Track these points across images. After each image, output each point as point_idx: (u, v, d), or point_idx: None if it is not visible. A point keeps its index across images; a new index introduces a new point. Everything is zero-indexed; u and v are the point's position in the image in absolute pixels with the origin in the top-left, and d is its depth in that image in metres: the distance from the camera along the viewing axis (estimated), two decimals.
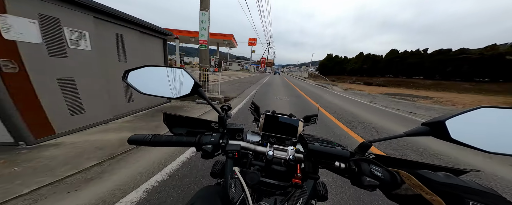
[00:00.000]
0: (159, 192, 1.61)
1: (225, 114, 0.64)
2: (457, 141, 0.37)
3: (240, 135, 0.63)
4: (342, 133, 3.72)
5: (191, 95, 0.58)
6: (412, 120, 5.65)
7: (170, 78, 0.57)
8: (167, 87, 0.57)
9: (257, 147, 0.59)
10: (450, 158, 2.84)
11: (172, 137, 0.60)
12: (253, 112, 0.96)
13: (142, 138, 0.59)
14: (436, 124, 0.39)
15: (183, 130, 0.66)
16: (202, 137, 0.59)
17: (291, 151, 0.54)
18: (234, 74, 21.48)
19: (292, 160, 0.52)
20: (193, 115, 3.41)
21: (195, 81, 0.56)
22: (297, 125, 0.71)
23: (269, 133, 0.71)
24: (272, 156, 0.54)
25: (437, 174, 0.37)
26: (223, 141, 0.58)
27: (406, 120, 5.66)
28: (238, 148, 0.55)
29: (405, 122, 5.36)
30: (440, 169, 0.45)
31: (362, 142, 0.49)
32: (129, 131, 2.89)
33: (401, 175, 0.40)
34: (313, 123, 0.90)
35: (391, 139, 0.45)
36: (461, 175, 0.43)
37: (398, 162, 0.51)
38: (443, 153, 2.98)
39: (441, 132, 0.38)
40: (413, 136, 0.42)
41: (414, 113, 6.84)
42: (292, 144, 0.67)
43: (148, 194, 1.58)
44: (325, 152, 0.48)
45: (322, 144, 0.51)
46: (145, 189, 1.63)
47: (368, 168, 0.44)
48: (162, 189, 1.65)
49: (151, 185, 1.69)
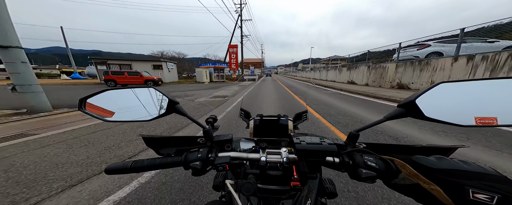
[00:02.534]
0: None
1: (210, 126, 0.60)
2: (431, 118, 0.38)
3: (229, 146, 0.60)
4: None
5: (168, 114, 0.53)
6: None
7: (141, 100, 0.51)
8: (137, 110, 0.51)
9: (249, 154, 0.57)
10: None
11: (155, 160, 0.54)
12: (244, 119, 0.93)
13: (121, 166, 0.52)
14: (409, 104, 0.41)
15: (172, 149, 0.61)
16: (188, 155, 0.55)
17: (285, 153, 0.52)
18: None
19: (286, 162, 0.50)
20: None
21: (170, 98, 0.51)
22: (286, 126, 0.70)
23: (261, 138, 0.69)
24: (266, 162, 0.52)
25: (430, 159, 0.37)
26: (211, 155, 0.55)
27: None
28: (227, 160, 0.52)
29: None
30: (431, 151, 0.47)
31: (350, 133, 0.50)
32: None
33: (396, 163, 0.40)
34: (304, 119, 0.89)
35: (375, 124, 0.46)
36: (451, 153, 0.46)
37: (390, 148, 0.51)
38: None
39: (415, 112, 0.40)
40: (393, 119, 0.43)
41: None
42: (286, 145, 0.66)
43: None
44: (312, 150, 0.47)
45: (309, 142, 0.50)
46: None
47: (361, 159, 0.44)
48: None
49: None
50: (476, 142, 2.82)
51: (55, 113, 5.14)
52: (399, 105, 0.43)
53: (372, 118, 4.43)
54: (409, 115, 0.41)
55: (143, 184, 1.84)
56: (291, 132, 0.70)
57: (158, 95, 0.52)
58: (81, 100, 0.47)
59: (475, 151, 2.51)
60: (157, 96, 0.52)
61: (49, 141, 3.02)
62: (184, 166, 0.54)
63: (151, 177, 1.96)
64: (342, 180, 1.83)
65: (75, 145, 2.87)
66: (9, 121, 4.21)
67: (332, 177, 1.87)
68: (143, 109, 0.51)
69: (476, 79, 0.38)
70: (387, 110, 4.89)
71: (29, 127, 3.80)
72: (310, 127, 3.73)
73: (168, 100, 0.51)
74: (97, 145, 2.87)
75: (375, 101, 6.84)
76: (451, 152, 0.46)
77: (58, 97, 8.36)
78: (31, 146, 2.84)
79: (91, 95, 0.48)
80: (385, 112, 3.53)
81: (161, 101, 0.52)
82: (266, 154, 0.54)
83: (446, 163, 0.34)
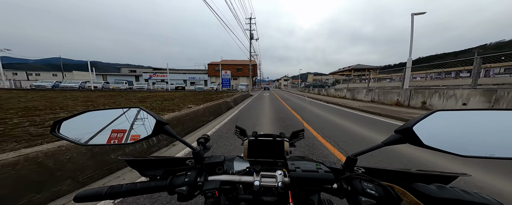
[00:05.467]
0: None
1: (201, 147, 0.56)
2: (430, 147, 0.38)
3: (221, 168, 0.56)
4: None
5: (155, 136, 0.49)
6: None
7: (125, 121, 0.47)
8: (120, 133, 0.47)
9: (242, 177, 0.54)
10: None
11: (136, 185, 0.49)
12: (239, 136, 0.89)
13: (94, 193, 0.45)
14: (406, 130, 0.40)
15: (158, 171, 0.55)
16: (174, 178, 0.50)
17: (280, 176, 0.49)
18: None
19: (281, 187, 0.47)
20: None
21: (157, 119, 0.48)
22: (282, 146, 0.67)
23: (255, 159, 0.65)
24: (259, 186, 0.49)
25: (431, 188, 0.36)
26: (200, 179, 0.50)
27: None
28: (217, 186, 0.49)
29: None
30: (431, 178, 0.46)
31: (348, 157, 0.48)
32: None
33: (396, 190, 0.39)
34: (301, 138, 0.86)
35: (373, 150, 0.45)
36: (452, 182, 0.45)
37: (389, 173, 0.50)
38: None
39: (413, 139, 0.39)
40: (391, 144, 0.42)
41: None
42: (282, 165, 0.63)
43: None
44: (308, 178, 0.45)
45: (304, 169, 0.48)
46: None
47: (360, 186, 0.42)
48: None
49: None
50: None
51: None
52: (396, 130, 0.42)
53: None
54: (407, 141, 0.40)
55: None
56: (287, 153, 0.67)
57: (144, 115, 0.49)
58: (55, 123, 0.43)
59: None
60: (144, 116, 0.49)
61: None
62: (169, 191, 0.49)
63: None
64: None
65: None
66: None
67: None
68: (126, 131, 0.47)
69: (474, 109, 0.38)
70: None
71: None
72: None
73: (155, 121, 0.48)
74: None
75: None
76: (452, 180, 0.45)
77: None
78: None
79: (69, 117, 0.44)
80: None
81: (147, 122, 0.48)
82: (260, 177, 0.51)
83: (447, 193, 0.34)
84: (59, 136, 0.43)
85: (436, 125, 0.39)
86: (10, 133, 2.91)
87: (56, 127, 0.43)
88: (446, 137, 0.38)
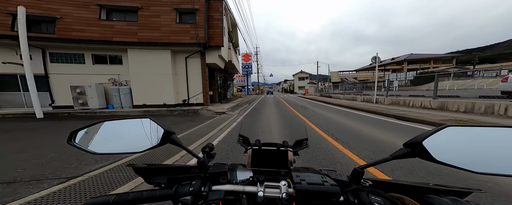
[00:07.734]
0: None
1: (206, 156, 0.58)
2: (441, 162, 0.36)
3: (225, 178, 0.57)
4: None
5: (162, 145, 0.52)
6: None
7: (135, 131, 0.50)
8: (131, 142, 0.50)
9: (246, 187, 0.54)
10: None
11: (142, 193, 0.51)
12: (242, 144, 0.90)
13: (101, 201, 0.47)
14: (416, 145, 0.39)
15: (163, 178, 0.56)
16: (179, 187, 0.51)
17: (284, 187, 0.49)
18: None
19: (285, 199, 0.46)
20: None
21: (165, 129, 0.50)
22: (286, 155, 0.67)
23: (259, 168, 0.65)
24: (263, 197, 0.48)
25: (444, 200, 0.35)
26: (204, 189, 0.51)
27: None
28: (221, 196, 0.49)
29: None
30: (443, 192, 0.44)
31: (354, 169, 0.47)
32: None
33: (407, 202, 0.38)
34: (305, 147, 0.85)
35: (380, 163, 0.44)
36: (466, 197, 0.43)
37: (397, 187, 0.49)
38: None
39: (423, 153, 0.38)
40: (400, 158, 0.41)
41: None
42: (286, 174, 0.62)
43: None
44: (314, 191, 0.45)
45: (309, 181, 0.47)
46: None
47: (367, 199, 0.41)
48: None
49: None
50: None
51: None
52: (405, 144, 0.42)
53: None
54: (417, 156, 0.39)
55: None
56: (291, 163, 0.67)
57: (153, 126, 0.51)
58: (72, 133, 0.46)
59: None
60: (152, 126, 0.51)
61: None
62: (174, 200, 0.50)
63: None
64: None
65: None
66: None
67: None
68: (136, 140, 0.50)
69: (487, 125, 0.37)
70: None
71: None
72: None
73: (163, 131, 0.50)
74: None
75: None
76: (466, 196, 0.44)
77: None
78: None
79: (84, 127, 0.47)
80: None
81: (156, 132, 0.51)
82: (264, 188, 0.51)
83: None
84: (75, 145, 0.46)
85: (448, 140, 0.38)
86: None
87: (73, 136, 0.46)
88: (458, 153, 0.37)
